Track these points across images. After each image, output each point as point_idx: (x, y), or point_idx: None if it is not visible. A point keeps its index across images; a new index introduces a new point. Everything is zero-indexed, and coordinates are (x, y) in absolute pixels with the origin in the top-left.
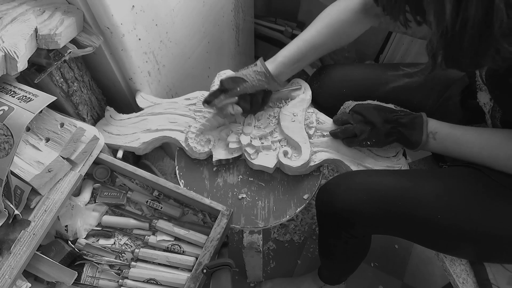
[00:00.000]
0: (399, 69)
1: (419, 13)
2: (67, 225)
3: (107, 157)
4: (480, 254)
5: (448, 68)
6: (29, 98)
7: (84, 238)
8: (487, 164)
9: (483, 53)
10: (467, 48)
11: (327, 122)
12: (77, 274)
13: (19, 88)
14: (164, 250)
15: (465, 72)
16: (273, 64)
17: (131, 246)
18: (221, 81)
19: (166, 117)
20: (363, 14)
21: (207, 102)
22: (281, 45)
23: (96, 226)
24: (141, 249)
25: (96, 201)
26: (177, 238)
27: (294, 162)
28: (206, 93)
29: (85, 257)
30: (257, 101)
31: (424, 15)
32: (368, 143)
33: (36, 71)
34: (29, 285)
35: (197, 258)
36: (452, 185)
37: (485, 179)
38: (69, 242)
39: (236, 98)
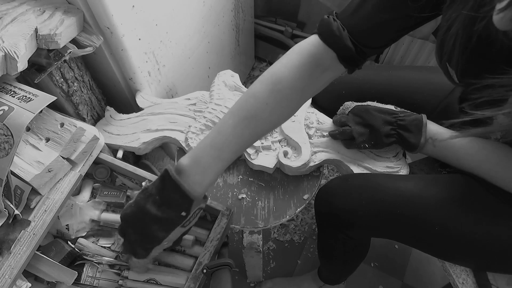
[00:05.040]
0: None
1: None
2: (67, 225)
3: (107, 157)
4: (478, 264)
5: None
6: (29, 98)
7: (84, 238)
8: (485, 179)
9: None
10: None
11: (327, 122)
12: (77, 274)
13: (19, 88)
14: (164, 250)
15: None
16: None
17: None
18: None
19: (166, 117)
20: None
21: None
22: (281, 45)
23: (95, 224)
24: None
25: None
26: None
27: (294, 162)
28: (206, 93)
29: (85, 257)
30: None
31: None
32: (367, 145)
33: (36, 71)
34: (29, 285)
35: (197, 258)
36: (452, 194)
37: (483, 191)
38: (69, 242)
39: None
